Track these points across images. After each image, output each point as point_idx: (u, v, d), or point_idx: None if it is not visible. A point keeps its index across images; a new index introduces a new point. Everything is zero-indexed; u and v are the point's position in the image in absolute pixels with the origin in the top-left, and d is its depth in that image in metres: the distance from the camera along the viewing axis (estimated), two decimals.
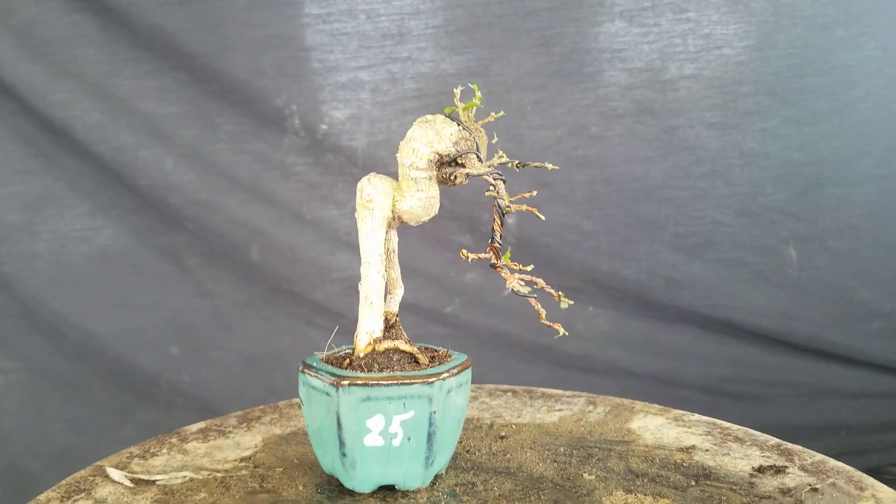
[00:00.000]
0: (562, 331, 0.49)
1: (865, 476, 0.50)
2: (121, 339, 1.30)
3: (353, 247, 1.33)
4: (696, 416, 0.62)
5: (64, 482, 0.52)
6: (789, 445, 0.56)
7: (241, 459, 0.55)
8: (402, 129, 1.26)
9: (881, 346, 1.33)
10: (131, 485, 0.51)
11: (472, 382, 0.68)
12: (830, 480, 0.49)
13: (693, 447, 0.56)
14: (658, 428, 0.60)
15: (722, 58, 1.26)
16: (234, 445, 0.57)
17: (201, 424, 0.61)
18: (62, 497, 0.50)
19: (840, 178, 1.28)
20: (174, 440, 0.58)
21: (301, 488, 0.50)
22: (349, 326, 0.54)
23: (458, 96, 0.53)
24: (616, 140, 1.30)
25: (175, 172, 1.28)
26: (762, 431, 1.36)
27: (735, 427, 0.60)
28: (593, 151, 1.30)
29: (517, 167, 0.54)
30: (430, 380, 0.46)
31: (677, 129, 1.29)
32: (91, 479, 0.52)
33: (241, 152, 1.29)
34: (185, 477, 0.52)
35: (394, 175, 0.53)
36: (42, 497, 0.50)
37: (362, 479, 0.47)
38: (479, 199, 1.25)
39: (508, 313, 1.35)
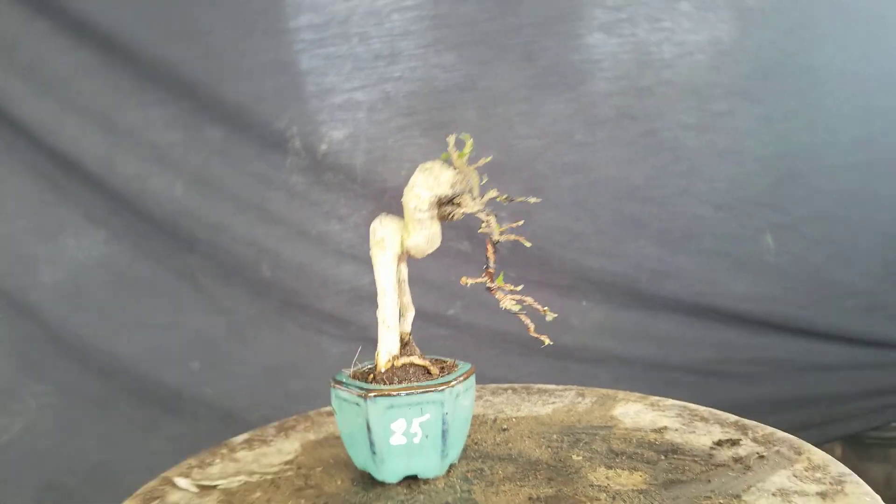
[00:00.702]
0: (547, 341, 0.61)
1: (804, 443, 0.62)
2: (144, 358, 1.41)
3: (357, 259, 1.44)
4: (670, 401, 0.74)
5: (138, 492, 0.64)
6: (745, 421, 0.68)
7: (285, 463, 0.67)
8: (397, 144, 1.39)
9: (856, 322, 1.46)
10: (196, 490, 0.63)
11: (477, 381, 0.80)
12: (776, 448, 0.62)
13: (665, 427, 0.68)
14: (636, 413, 0.72)
15: (695, 63, 1.37)
16: (276, 452, 0.69)
17: (245, 436, 0.73)
18: (142, 502, 0.62)
19: (810, 169, 1.40)
20: (224, 451, 0.70)
21: (340, 483, 0.62)
22: (357, 334, 0.65)
23: (452, 143, 0.64)
24: (599, 145, 1.41)
25: (184, 198, 1.38)
26: (748, 407, 1.49)
27: (702, 409, 0.72)
28: (578, 157, 1.41)
29: (505, 201, 0.65)
30: (441, 388, 0.58)
31: (656, 132, 1.40)
32: (161, 488, 0.64)
33: (246, 174, 1.39)
34: (240, 481, 0.64)
35: (389, 200, 0.64)
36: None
37: (390, 472, 0.59)
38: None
39: (506, 314, 1.47)
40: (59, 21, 1.28)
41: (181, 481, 0.64)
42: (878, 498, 0.53)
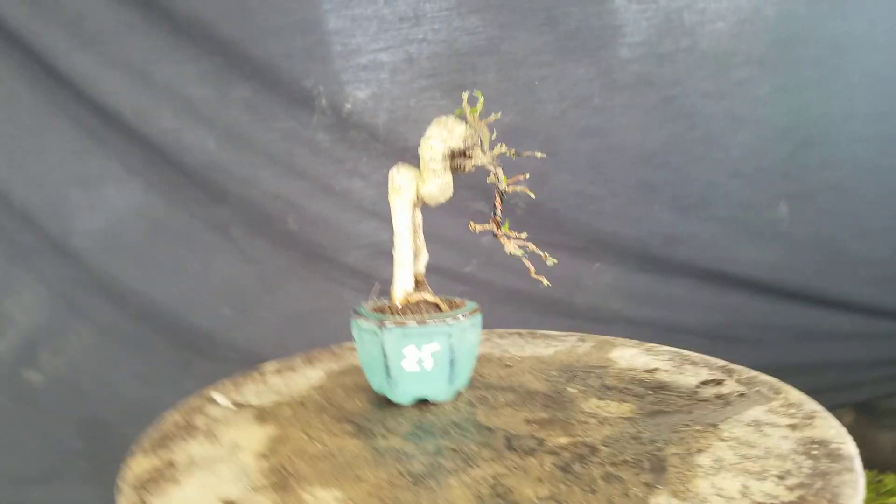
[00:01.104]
0: (546, 282, 0.67)
1: (784, 384, 0.68)
2: (178, 303, 1.49)
3: (378, 215, 1.50)
4: (665, 347, 0.81)
5: (181, 406, 0.72)
6: (733, 366, 0.74)
7: (311, 387, 0.74)
8: (419, 105, 1.44)
9: (869, 292, 1.50)
10: (233, 406, 0.71)
11: (488, 329, 0.87)
12: (756, 388, 0.68)
13: (656, 369, 0.74)
14: (632, 356, 0.78)
15: (715, 31, 1.40)
16: (303, 378, 0.77)
17: (275, 364, 0.81)
18: (184, 415, 0.69)
19: (827, 139, 1.43)
20: (256, 375, 0.78)
21: (359, 403, 0.69)
22: (380, 287, 0.71)
23: (465, 100, 0.70)
24: (617, 110, 1.45)
25: (217, 151, 1.45)
26: (758, 370, 1.54)
27: (695, 355, 0.78)
28: (596, 121, 1.46)
29: (513, 156, 0.70)
30: (449, 321, 0.65)
31: (675, 99, 1.44)
32: (201, 403, 0.72)
33: (275, 131, 1.46)
34: (271, 400, 0.71)
35: (411, 159, 0.70)
36: (168, 417, 0.70)
37: (403, 395, 0.67)
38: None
39: (521, 272, 1.53)
40: None
41: (219, 397, 0.71)
42: (844, 430, 0.59)
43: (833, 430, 0.58)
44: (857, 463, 0.52)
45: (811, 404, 0.63)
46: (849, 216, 1.48)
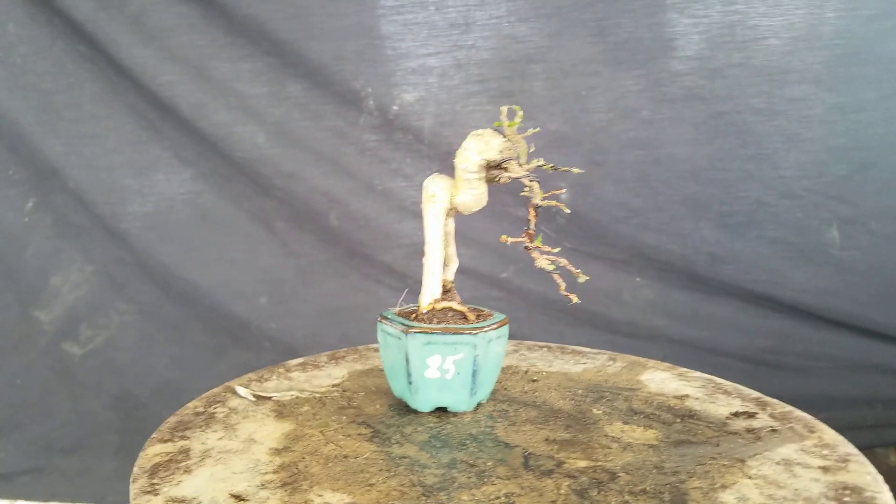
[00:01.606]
0: (576, 299, 0.64)
1: (819, 423, 0.64)
2: (218, 289, 1.51)
3: (418, 216, 1.48)
4: (698, 374, 0.77)
5: (203, 396, 0.71)
6: (767, 399, 0.70)
7: (333, 385, 0.73)
8: (465, 110, 1.42)
9: None
10: (254, 399, 0.70)
11: (520, 339, 0.85)
12: (790, 425, 0.64)
13: (687, 395, 0.71)
14: (662, 380, 0.75)
15: (768, 47, 1.34)
16: (326, 376, 0.76)
17: (300, 360, 0.80)
18: (205, 405, 0.69)
19: (884, 163, 1.36)
20: (281, 370, 0.77)
21: (378, 406, 0.67)
22: (414, 286, 0.70)
23: (504, 113, 0.68)
24: (665, 123, 1.41)
25: (266, 146, 1.46)
26: (799, 400, 1.47)
27: (728, 384, 0.74)
28: (643, 134, 1.41)
29: (551, 170, 0.68)
30: (475, 331, 0.63)
31: (725, 114, 1.39)
32: (223, 394, 0.71)
33: (323, 129, 1.46)
34: (292, 395, 0.70)
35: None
36: (189, 405, 0.69)
37: (423, 402, 0.65)
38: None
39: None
40: None
41: (241, 389, 0.71)
42: (881, 478, 0.55)
43: (869, 476, 0.54)
44: None
45: (847, 447, 0.59)
46: None
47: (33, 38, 1.44)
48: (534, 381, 0.75)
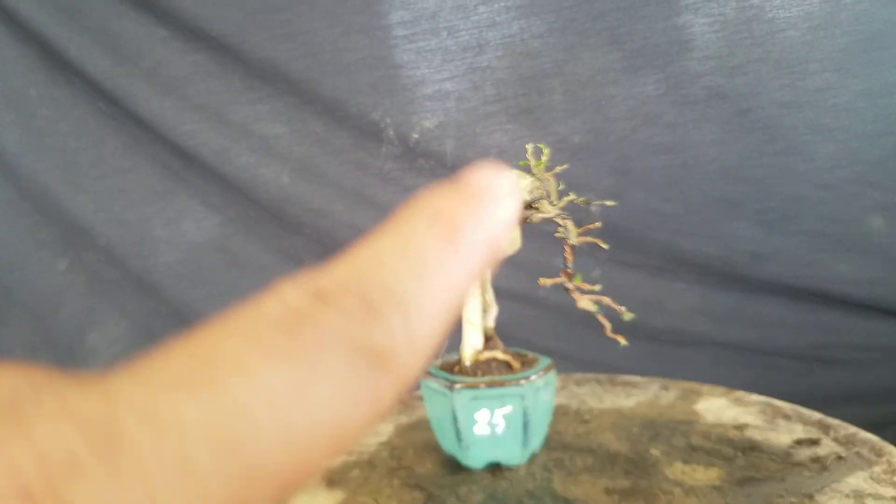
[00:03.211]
0: (623, 342, 0.62)
1: (887, 445, 0.61)
2: None
3: None
4: (755, 397, 0.74)
5: None
6: (829, 420, 0.67)
7: (380, 444, 0.72)
8: (485, 131, 1.41)
9: None
10: None
11: (568, 363, 0.83)
12: (856, 449, 0.61)
13: (746, 425, 0.68)
14: (719, 409, 0.72)
15: (787, 39, 1.31)
16: (373, 433, 0.74)
17: None
18: None
19: None
20: None
21: (429, 465, 0.66)
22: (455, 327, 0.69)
23: (530, 151, 0.66)
24: (690, 125, 1.38)
25: (290, 185, 1.46)
26: (854, 394, 1.43)
27: (787, 406, 0.71)
28: (668, 138, 1.39)
29: (583, 204, 0.66)
30: (522, 382, 0.61)
31: (750, 111, 1.35)
32: None
33: (346, 163, 1.46)
34: (341, 459, 0.69)
35: None
36: None
37: (475, 458, 0.63)
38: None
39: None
40: (177, 28, 1.37)
41: None
42: None
43: None
44: None
45: None
46: None
47: (55, 99, 1.46)
48: (586, 421, 0.73)
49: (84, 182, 1.49)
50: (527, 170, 0.66)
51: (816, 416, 0.68)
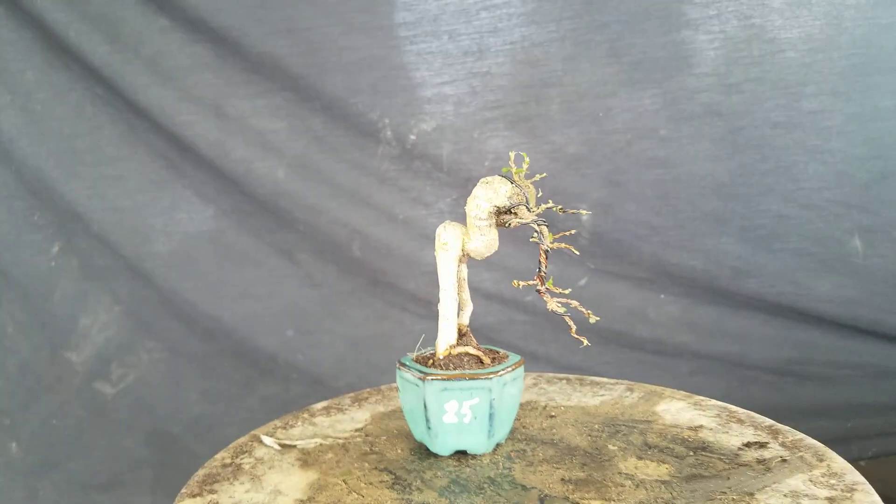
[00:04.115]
0: (586, 342, 0.68)
1: (829, 451, 0.67)
2: (244, 324, 1.57)
3: None
4: (713, 402, 0.80)
5: (231, 445, 0.77)
6: (779, 426, 0.73)
7: (356, 430, 0.78)
8: (482, 137, 1.47)
9: None
10: (279, 448, 0.75)
11: (550, 367, 0.89)
12: (800, 454, 0.67)
13: (701, 426, 0.74)
14: (678, 410, 0.79)
15: (786, 60, 1.38)
16: (349, 419, 0.81)
17: (324, 403, 0.85)
18: (233, 455, 0.74)
19: None
20: (305, 415, 0.82)
21: (400, 451, 0.72)
22: (437, 313, 0.74)
23: (512, 159, 0.72)
24: (684, 141, 1.44)
25: (286, 180, 1.52)
26: (827, 410, 1.49)
27: (742, 412, 0.78)
28: (662, 152, 1.45)
29: (561, 212, 0.72)
30: (490, 376, 0.67)
31: (743, 129, 1.42)
32: (250, 443, 0.77)
33: (342, 161, 1.52)
34: (316, 442, 0.75)
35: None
36: (217, 456, 0.75)
37: (443, 446, 0.69)
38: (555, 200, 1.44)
39: (584, 303, 1.54)
40: (178, 19, 1.44)
41: (266, 439, 0.76)
42: None
43: None
44: None
45: (854, 475, 0.62)
46: None
47: (52, 84, 1.51)
48: (552, 416, 0.79)
49: (79, 168, 1.54)
50: (508, 177, 0.72)
51: (768, 421, 0.75)
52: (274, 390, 1.58)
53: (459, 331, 0.73)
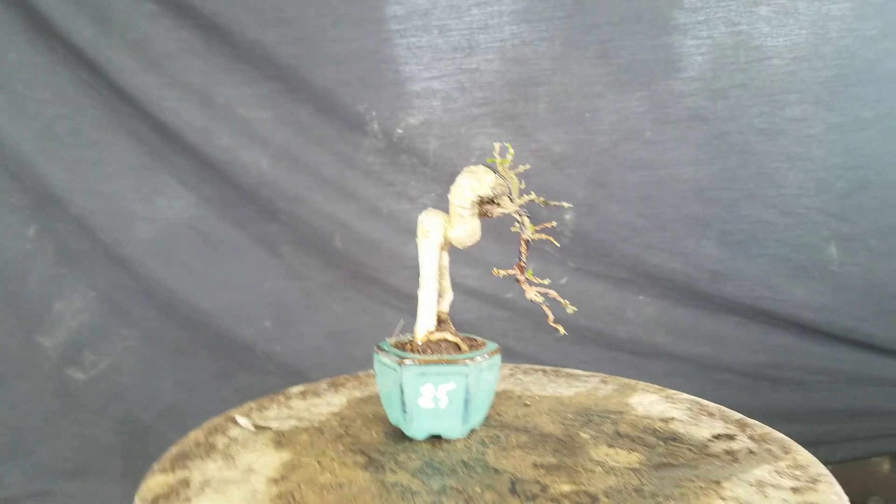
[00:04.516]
0: (562, 331, 0.70)
1: (795, 444, 0.70)
2: (222, 313, 1.58)
3: None
4: (685, 396, 0.83)
5: (204, 425, 0.78)
6: (748, 420, 0.76)
7: (331, 414, 0.80)
8: (469, 133, 1.49)
9: None
10: (253, 429, 0.76)
11: (526, 358, 0.91)
12: (767, 446, 0.70)
13: (672, 418, 0.77)
14: (650, 403, 0.81)
15: (771, 68, 1.41)
16: (325, 403, 0.82)
17: (301, 387, 0.87)
18: (206, 434, 0.76)
19: (882, 181, 1.42)
20: (281, 398, 0.84)
21: (374, 434, 0.74)
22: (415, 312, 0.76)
23: (497, 150, 0.74)
24: (669, 144, 1.47)
25: (270, 170, 1.53)
26: (798, 414, 1.53)
27: (712, 405, 0.80)
28: (647, 155, 1.48)
29: (543, 204, 0.74)
30: (467, 362, 0.69)
31: (727, 135, 1.45)
32: (224, 424, 0.78)
33: (328, 153, 1.53)
34: (291, 424, 0.77)
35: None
36: (191, 435, 0.76)
37: (417, 430, 0.71)
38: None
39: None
40: (166, 4, 1.45)
41: (241, 419, 0.77)
42: (846, 498, 0.61)
43: (835, 496, 0.60)
44: None
45: (818, 467, 0.65)
46: None
47: (35, 65, 1.50)
48: (526, 405, 0.81)
49: (60, 150, 1.54)
50: (492, 167, 0.74)
51: (737, 415, 0.77)
52: (250, 381, 1.59)
53: (439, 318, 0.75)
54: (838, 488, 0.62)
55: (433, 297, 0.74)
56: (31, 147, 1.53)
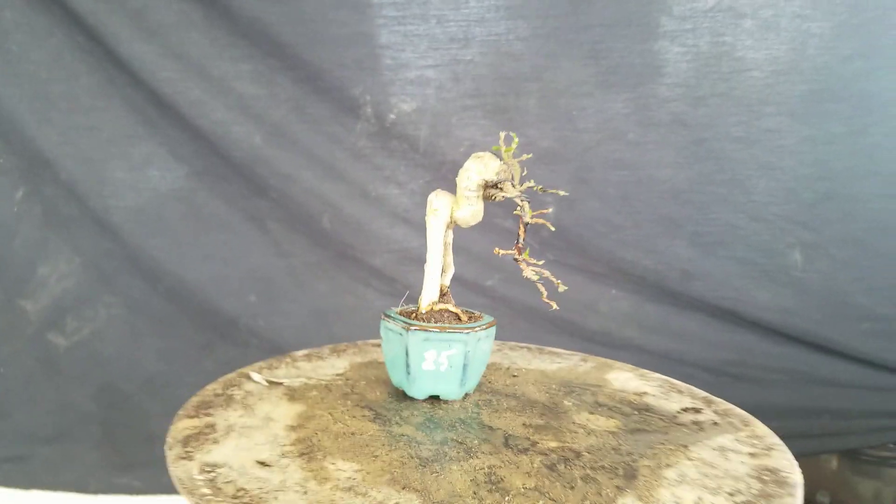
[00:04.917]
0: (555, 306, 0.80)
1: (754, 419, 0.80)
2: (207, 286, 1.63)
3: (409, 223, 1.64)
4: (657, 375, 0.93)
5: (221, 380, 0.86)
6: (714, 398, 0.86)
7: (337, 375, 0.88)
8: (460, 123, 1.58)
9: (869, 345, 1.60)
10: (267, 384, 0.84)
11: (502, 341, 1.00)
12: (729, 420, 0.80)
13: (645, 393, 0.87)
14: (626, 379, 0.91)
15: (751, 79, 1.52)
16: (330, 366, 0.91)
17: (305, 351, 0.95)
18: (223, 388, 0.84)
19: (848, 194, 1.54)
20: (288, 360, 0.92)
21: (378, 394, 0.83)
22: (401, 291, 0.84)
23: (502, 139, 0.83)
24: (650, 146, 1.57)
25: (263, 147, 1.59)
26: (755, 409, 1.65)
27: (682, 384, 0.90)
28: (629, 155, 1.58)
29: (541, 191, 0.83)
30: (467, 331, 0.78)
31: (705, 141, 1.56)
32: (238, 379, 0.86)
33: (320, 134, 1.59)
34: (301, 382, 0.85)
35: (447, 172, 0.83)
36: (209, 387, 0.84)
37: (419, 391, 0.80)
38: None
39: (539, 293, 1.67)
40: None
41: (255, 375, 0.85)
42: (795, 463, 0.71)
43: (786, 461, 0.70)
44: (800, 490, 0.65)
45: (773, 438, 0.75)
46: (860, 270, 1.58)
47: (31, 26, 1.53)
48: (514, 376, 0.90)
49: (52, 114, 1.57)
50: (498, 154, 0.83)
51: (703, 393, 0.88)
52: (232, 354, 1.65)
53: (441, 290, 0.84)
54: (790, 455, 0.72)
55: (438, 270, 0.83)
56: (24, 109, 1.55)
